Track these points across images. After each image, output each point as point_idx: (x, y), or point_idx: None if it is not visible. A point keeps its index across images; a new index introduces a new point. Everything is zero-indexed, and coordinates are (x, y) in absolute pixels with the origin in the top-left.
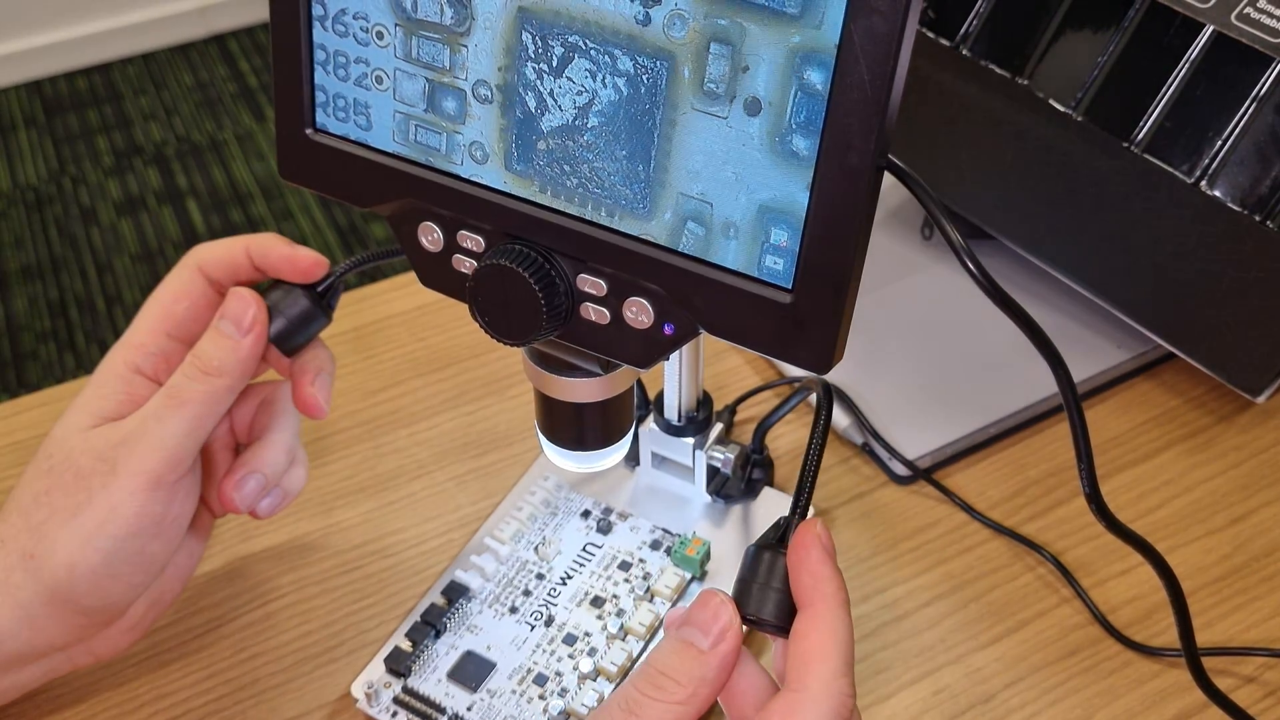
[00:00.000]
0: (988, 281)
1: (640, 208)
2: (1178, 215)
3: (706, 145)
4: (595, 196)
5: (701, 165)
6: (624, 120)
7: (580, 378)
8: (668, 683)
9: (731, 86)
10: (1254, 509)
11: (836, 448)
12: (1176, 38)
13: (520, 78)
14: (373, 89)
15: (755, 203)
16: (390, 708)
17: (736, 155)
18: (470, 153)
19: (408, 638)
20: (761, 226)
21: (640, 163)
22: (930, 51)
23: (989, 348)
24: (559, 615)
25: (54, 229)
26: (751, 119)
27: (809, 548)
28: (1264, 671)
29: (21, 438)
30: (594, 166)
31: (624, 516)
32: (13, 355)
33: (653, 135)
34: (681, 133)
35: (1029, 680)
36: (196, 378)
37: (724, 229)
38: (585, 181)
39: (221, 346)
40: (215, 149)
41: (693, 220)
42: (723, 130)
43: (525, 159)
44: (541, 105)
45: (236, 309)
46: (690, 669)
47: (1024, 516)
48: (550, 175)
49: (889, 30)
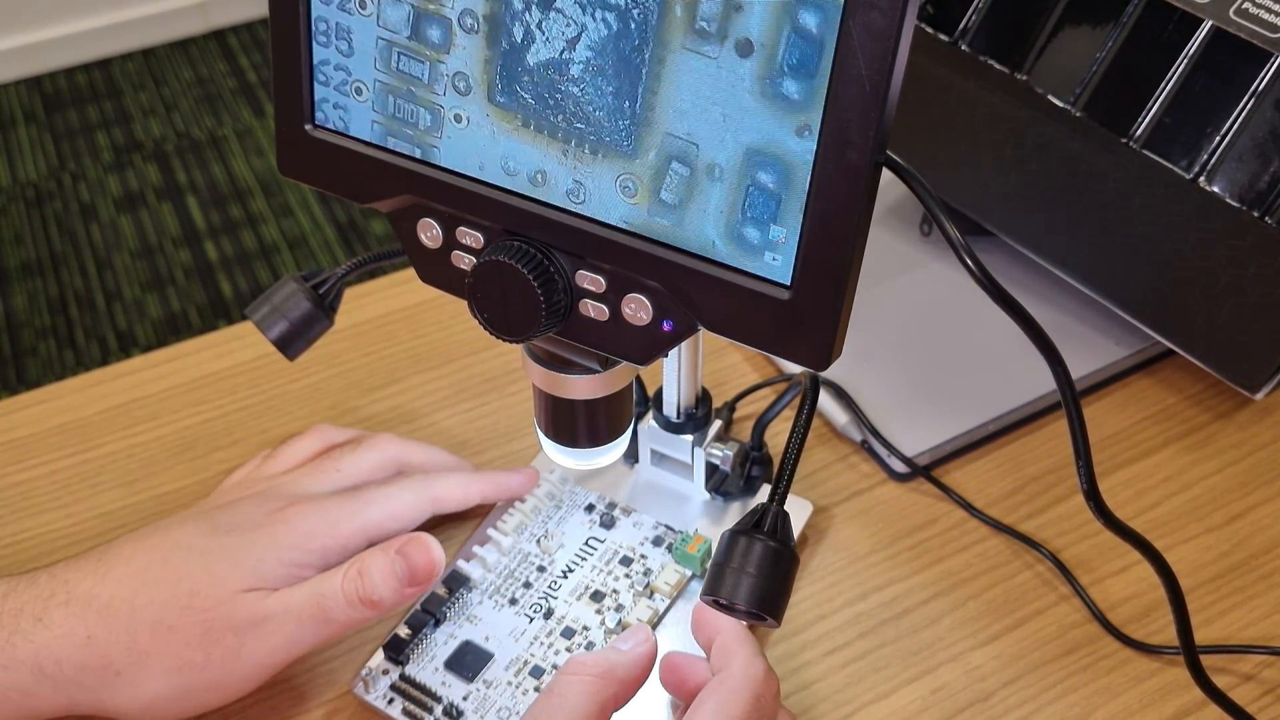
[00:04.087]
0: (986, 278)
1: (625, 145)
2: (1176, 211)
3: (695, 85)
4: (579, 132)
5: (689, 104)
6: (612, 56)
7: (579, 374)
8: (584, 663)
9: (724, 26)
10: (1252, 506)
11: (835, 445)
12: (1175, 33)
13: (507, 8)
14: (355, 13)
15: (742, 145)
16: (387, 694)
17: (725, 96)
18: (454, 83)
19: (407, 625)
20: (747, 172)
21: (627, 99)
22: (929, 47)
23: (987, 344)
24: (558, 608)
25: (54, 225)
26: (743, 60)
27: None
28: (1262, 669)
29: (21, 435)
30: (579, 102)
31: (627, 512)
32: (12, 352)
33: (641, 72)
34: (670, 71)
35: (1027, 678)
36: (354, 605)
37: (708, 171)
38: (570, 117)
39: (389, 587)
40: (215, 145)
41: (678, 160)
42: (712, 70)
43: (509, 92)
44: (529, 37)
45: (419, 562)
46: (606, 654)
47: (1022, 514)
48: (534, 109)
49: (887, 25)
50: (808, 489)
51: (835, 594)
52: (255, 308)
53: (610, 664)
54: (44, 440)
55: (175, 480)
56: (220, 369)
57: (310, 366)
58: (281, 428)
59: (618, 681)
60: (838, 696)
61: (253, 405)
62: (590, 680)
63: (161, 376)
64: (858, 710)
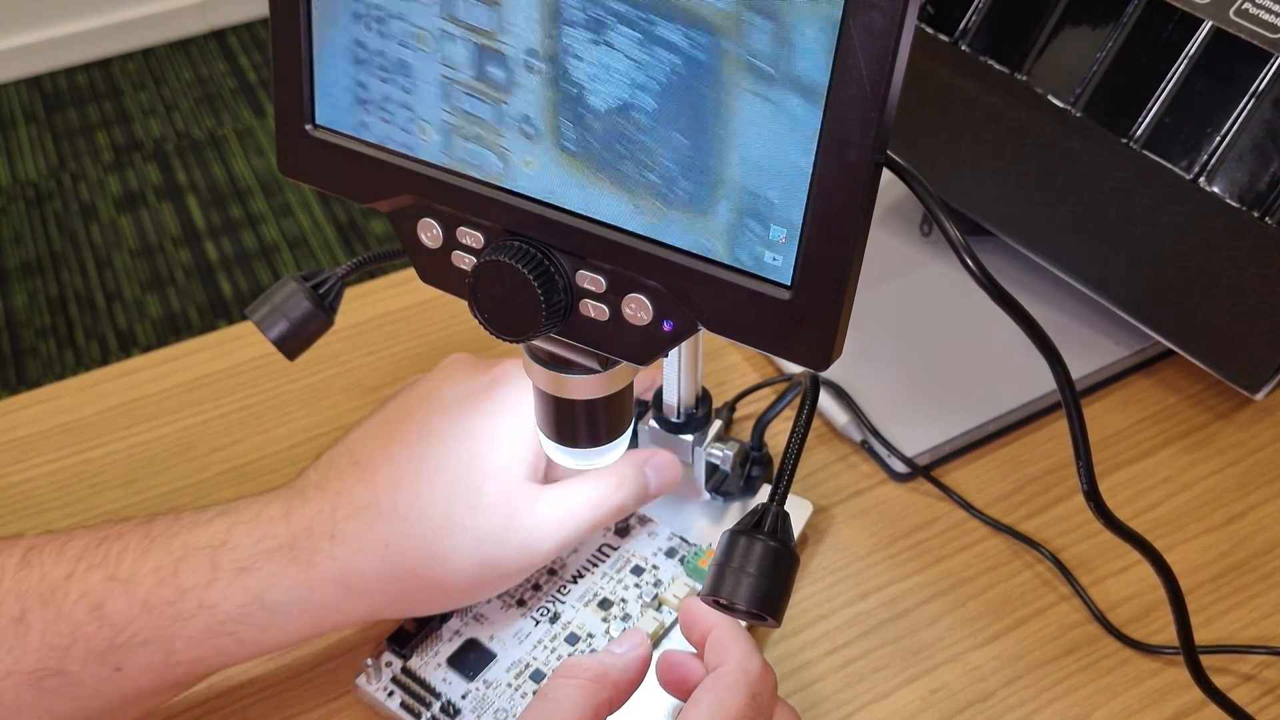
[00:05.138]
0: (986, 278)
1: (699, 203)
2: (1176, 211)
3: (760, 131)
4: (652, 184)
5: (759, 154)
6: (679, 101)
7: (579, 374)
8: (577, 666)
9: (782, 66)
10: (1252, 506)
11: (835, 445)
12: (1175, 33)
13: (564, 46)
14: (414, 47)
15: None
16: (388, 687)
17: (791, 142)
18: (521, 128)
19: (413, 619)
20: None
21: (697, 149)
22: (929, 47)
23: (988, 344)
24: (565, 613)
25: (54, 225)
26: (806, 104)
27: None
28: (1262, 669)
29: (22, 434)
30: (649, 150)
31: (644, 521)
32: (12, 352)
33: (708, 120)
34: (738, 117)
35: (1027, 678)
36: (639, 497)
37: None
38: (641, 167)
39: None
40: (215, 145)
41: (750, 217)
42: (777, 115)
43: (578, 140)
44: (591, 78)
45: (667, 478)
46: (600, 658)
47: (1022, 514)
48: (605, 158)
49: (887, 25)
50: (808, 489)
51: (835, 594)
52: (255, 308)
53: (604, 668)
54: (44, 440)
55: (175, 480)
56: (220, 369)
57: (310, 366)
58: (281, 427)
59: (611, 685)
60: (838, 696)
61: (253, 405)
62: (584, 684)
63: (161, 376)
64: (858, 710)
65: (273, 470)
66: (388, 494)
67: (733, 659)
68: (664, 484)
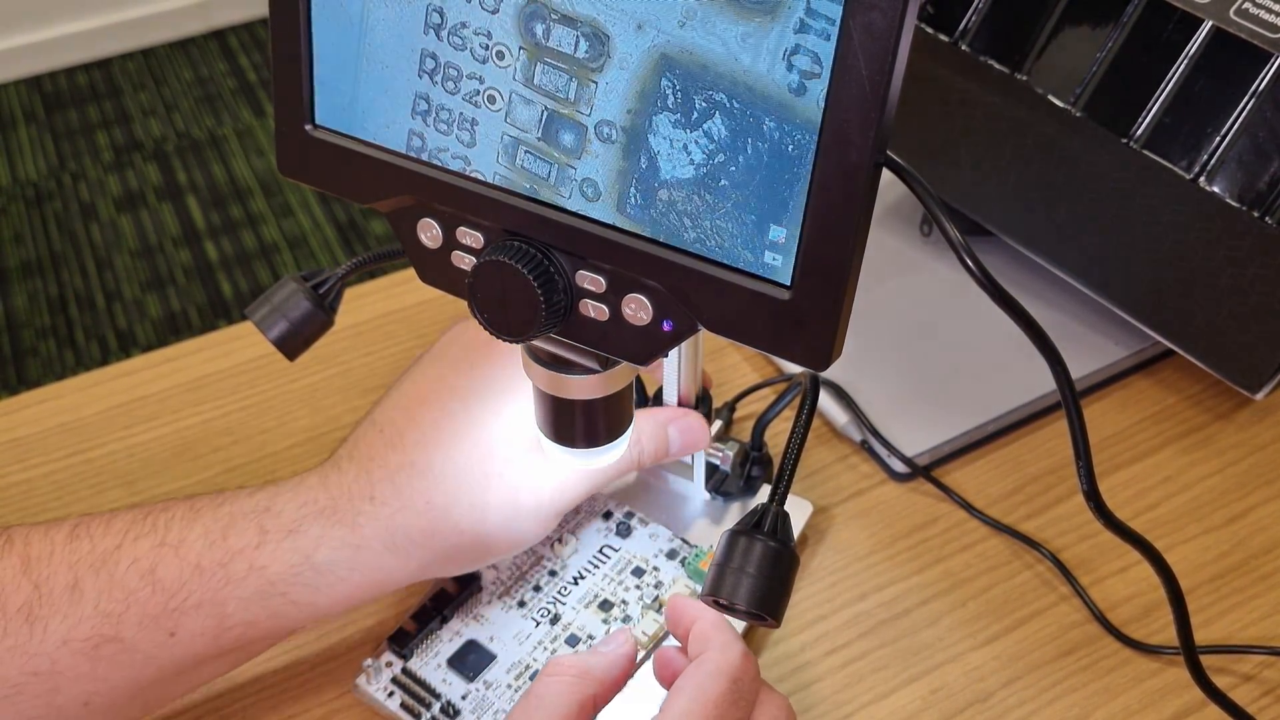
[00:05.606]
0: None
1: (750, 260)
2: (1176, 212)
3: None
4: (708, 247)
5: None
6: (759, 184)
7: (579, 374)
8: (562, 664)
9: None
10: (1252, 506)
11: (835, 445)
12: (1175, 33)
13: (651, 125)
14: (483, 106)
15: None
16: (388, 687)
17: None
18: (581, 188)
19: (413, 619)
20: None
21: (766, 221)
22: (929, 47)
23: (988, 345)
24: (565, 615)
25: (54, 225)
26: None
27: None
28: (1262, 669)
29: (22, 434)
30: (717, 224)
31: (645, 522)
32: (12, 352)
33: (788, 202)
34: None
35: (1027, 678)
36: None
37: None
38: (704, 236)
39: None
40: (215, 145)
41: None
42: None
43: (642, 205)
44: (669, 155)
45: (691, 440)
46: (585, 656)
47: (1022, 514)
48: (666, 226)
49: (887, 25)
50: (808, 489)
51: (835, 594)
52: (255, 308)
53: (588, 665)
54: (44, 440)
55: (175, 480)
56: (220, 369)
57: (310, 366)
58: (281, 427)
59: (596, 682)
60: (838, 696)
61: (253, 405)
62: (569, 681)
63: (161, 376)
64: (858, 710)
65: (273, 470)
66: (421, 454)
67: (713, 647)
68: (688, 445)
